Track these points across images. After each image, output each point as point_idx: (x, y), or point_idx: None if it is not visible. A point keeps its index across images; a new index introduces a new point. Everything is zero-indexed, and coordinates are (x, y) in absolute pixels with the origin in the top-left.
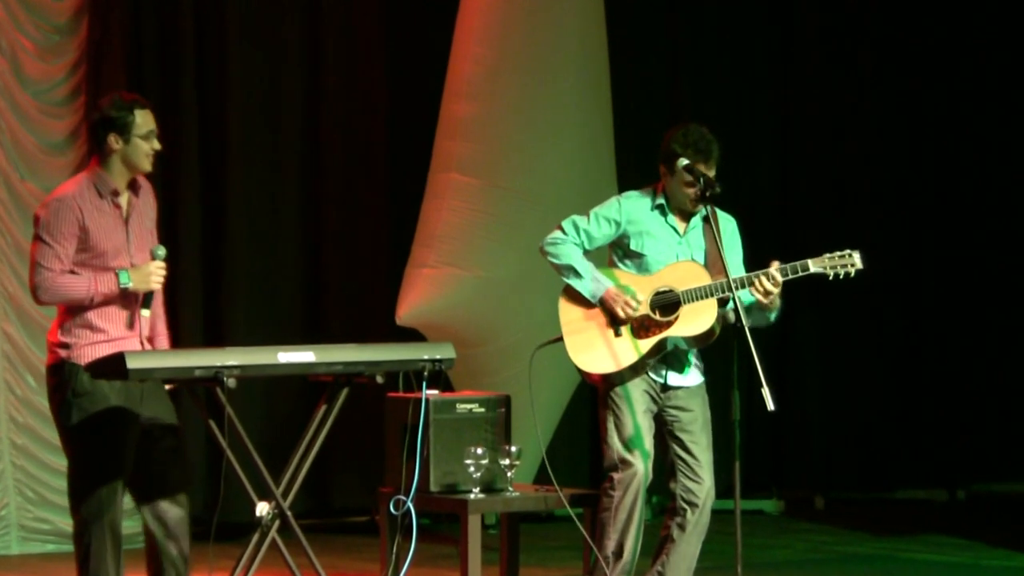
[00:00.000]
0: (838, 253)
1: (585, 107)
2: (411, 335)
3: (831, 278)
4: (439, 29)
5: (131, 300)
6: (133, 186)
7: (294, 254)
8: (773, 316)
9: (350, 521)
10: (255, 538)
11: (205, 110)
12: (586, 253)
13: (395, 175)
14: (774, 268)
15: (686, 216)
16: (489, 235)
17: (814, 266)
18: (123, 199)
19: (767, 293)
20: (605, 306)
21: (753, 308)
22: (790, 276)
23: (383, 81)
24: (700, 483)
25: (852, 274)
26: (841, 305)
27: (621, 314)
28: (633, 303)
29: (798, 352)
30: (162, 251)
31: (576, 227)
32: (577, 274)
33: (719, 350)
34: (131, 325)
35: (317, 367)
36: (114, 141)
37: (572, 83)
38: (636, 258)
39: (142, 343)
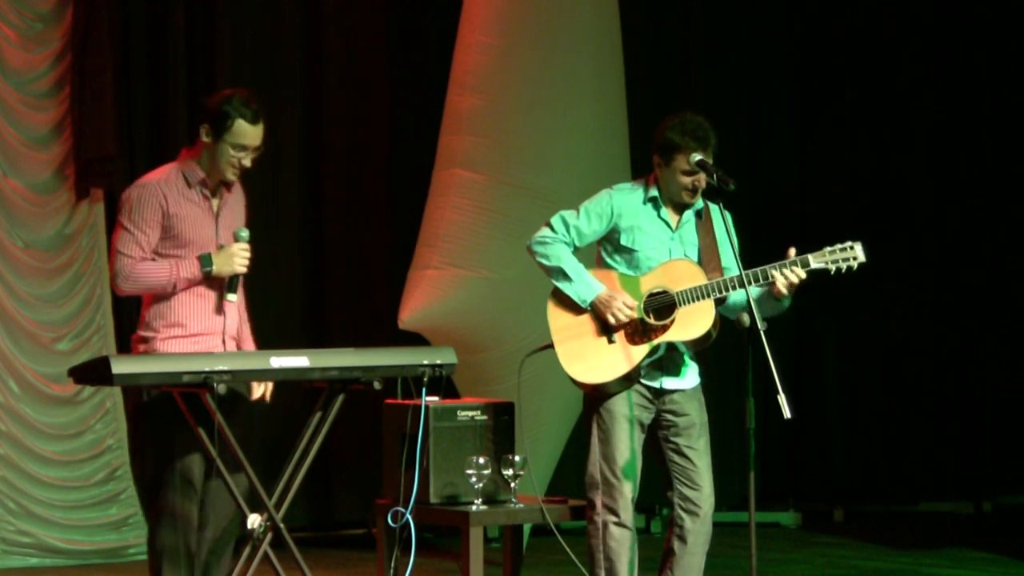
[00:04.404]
0: (839, 246)
1: (597, 99)
2: (414, 339)
3: (833, 273)
4: (443, 18)
5: (214, 289)
6: (226, 182)
7: (293, 254)
8: (787, 303)
9: (346, 534)
10: (246, 552)
11: (197, 104)
12: (576, 250)
13: (398, 172)
14: (789, 261)
15: (679, 209)
16: (495, 234)
17: (815, 261)
18: (213, 192)
19: (791, 284)
20: (596, 311)
21: (764, 298)
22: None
23: (384, 72)
24: (698, 489)
25: (855, 268)
26: (862, 308)
27: (612, 320)
28: (625, 308)
29: (816, 357)
30: (245, 233)
31: (566, 224)
32: (566, 277)
33: (733, 355)
34: (216, 315)
35: (311, 372)
36: (204, 133)
37: (583, 74)
38: (627, 253)
39: (225, 339)
